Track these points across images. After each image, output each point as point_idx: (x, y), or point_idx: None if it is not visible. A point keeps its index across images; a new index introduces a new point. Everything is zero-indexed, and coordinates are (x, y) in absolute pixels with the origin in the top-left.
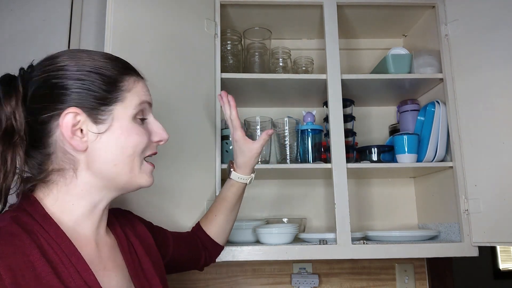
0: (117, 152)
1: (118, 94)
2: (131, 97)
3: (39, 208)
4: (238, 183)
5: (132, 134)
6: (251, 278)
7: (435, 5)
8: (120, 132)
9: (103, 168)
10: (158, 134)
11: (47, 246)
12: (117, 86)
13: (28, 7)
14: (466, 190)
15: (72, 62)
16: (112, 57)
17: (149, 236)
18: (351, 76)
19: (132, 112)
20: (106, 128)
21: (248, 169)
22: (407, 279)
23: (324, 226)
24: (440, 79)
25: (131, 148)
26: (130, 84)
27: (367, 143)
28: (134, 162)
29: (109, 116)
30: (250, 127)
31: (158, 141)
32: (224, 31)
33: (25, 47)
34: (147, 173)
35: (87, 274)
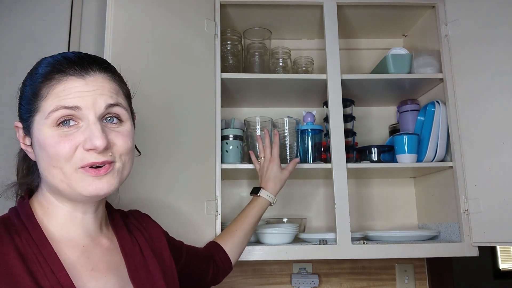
0: (42, 164)
1: (36, 104)
2: (47, 105)
3: (27, 210)
4: (265, 200)
5: (46, 146)
6: (251, 278)
7: (435, 5)
8: (38, 143)
9: (44, 179)
10: (87, 141)
11: (27, 246)
12: (36, 95)
13: (28, 7)
14: (466, 190)
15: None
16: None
17: (163, 241)
18: (351, 76)
19: (47, 122)
20: (30, 140)
21: (278, 189)
22: (407, 279)
23: (324, 226)
24: (440, 79)
25: (50, 159)
26: (47, 89)
27: (367, 143)
28: (63, 173)
29: (31, 127)
30: (250, 127)
31: (89, 149)
32: (224, 31)
33: (25, 47)
34: (86, 181)
35: (61, 275)
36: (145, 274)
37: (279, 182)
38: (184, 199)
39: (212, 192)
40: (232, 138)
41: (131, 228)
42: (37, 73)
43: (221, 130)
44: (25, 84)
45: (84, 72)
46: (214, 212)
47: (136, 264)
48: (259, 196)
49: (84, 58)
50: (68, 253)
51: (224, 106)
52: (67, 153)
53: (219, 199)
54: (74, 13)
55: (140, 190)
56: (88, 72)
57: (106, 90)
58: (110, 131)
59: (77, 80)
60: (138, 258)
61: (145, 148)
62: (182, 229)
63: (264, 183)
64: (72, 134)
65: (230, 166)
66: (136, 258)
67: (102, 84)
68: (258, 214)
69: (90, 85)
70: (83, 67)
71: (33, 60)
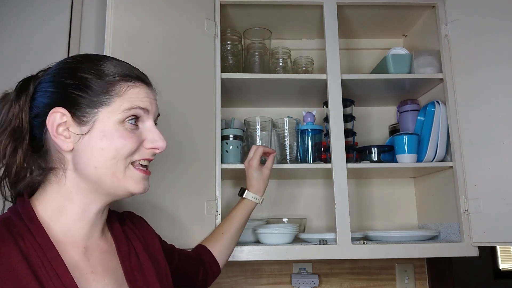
0: (96, 154)
1: (106, 98)
2: (121, 102)
3: (29, 211)
4: (251, 202)
5: (114, 138)
6: (251, 278)
7: (435, 5)
8: (102, 134)
9: (85, 170)
10: (152, 141)
11: (31, 249)
12: (106, 90)
13: (28, 7)
14: (466, 190)
15: (74, 65)
16: (114, 62)
17: (157, 243)
18: (351, 76)
19: (119, 117)
20: (87, 129)
21: (261, 191)
22: (407, 279)
23: (324, 226)
24: (440, 79)
25: (112, 151)
26: (123, 89)
27: (367, 143)
28: (117, 166)
29: (92, 118)
30: (250, 127)
31: (152, 148)
32: (224, 31)
33: (25, 47)
34: (135, 179)
35: (66, 278)
36: (141, 277)
37: (262, 182)
38: (184, 199)
39: (212, 192)
40: (232, 138)
41: (126, 231)
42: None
43: (221, 130)
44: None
45: (149, 82)
46: (214, 212)
47: (132, 267)
48: (245, 198)
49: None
50: (70, 254)
51: (224, 106)
52: (134, 147)
53: (219, 199)
54: (74, 15)
55: None
56: (149, 82)
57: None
58: None
59: (147, 88)
60: (134, 261)
61: None
62: (182, 229)
63: (248, 184)
64: (136, 132)
65: (230, 166)
66: (132, 261)
67: (155, 95)
68: (245, 215)
69: (153, 95)
70: (147, 77)
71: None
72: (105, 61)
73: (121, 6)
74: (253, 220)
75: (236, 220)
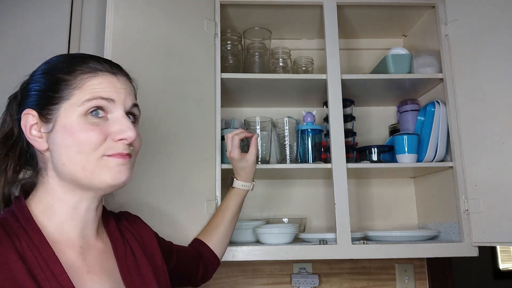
0: (63, 151)
1: (65, 92)
2: (80, 94)
3: (25, 212)
4: (242, 190)
5: (76, 132)
6: (251, 278)
7: (435, 5)
8: (64, 130)
9: (58, 168)
10: (119, 132)
11: (27, 249)
12: (65, 84)
13: (28, 7)
14: (466, 190)
15: (40, 67)
16: (75, 55)
17: (154, 242)
18: (351, 76)
19: (79, 110)
20: (52, 127)
21: (250, 178)
22: (407, 279)
23: (324, 226)
24: (440, 79)
25: (75, 147)
26: (82, 80)
27: (367, 143)
28: (86, 160)
29: (55, 115)
30: (250, 127)
31: (120, 139)
32: (224, 31)
33: (25, 47)
34: (111, 168)
35: (63, 278)
36: (137, 277)
37: (249, 170)
38: (184, 199)
39: (212, 192)
40: None
41: (123, 231)
42: (64, 64)
43: (221, 130)
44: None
45: (116, 70)
46: (214, 212)
47: (128, 267)
48: (234, 187)
49: (107, 60)
50: (66, 254)
51: (224, 106)
52: (98, 140)
53: (219, 199)
54: (74, 15)
55: (139, 190)
56: (117, 72)
57: (130, 90)
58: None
59: (112, 76)
60: (131, 261)
61: (145, 148)
62: (182, 229)
63: (235, 173)
64: (102, 124)
65: (230, 166)
66: (129, 261)
67: (128, 85)
68: (237, 204)
69: (122, 83)
70: (113, 66)
71: (33, 61)
72: (67, 57)
73: (121, 6)
74: (253, 220)
75: (229, 210)
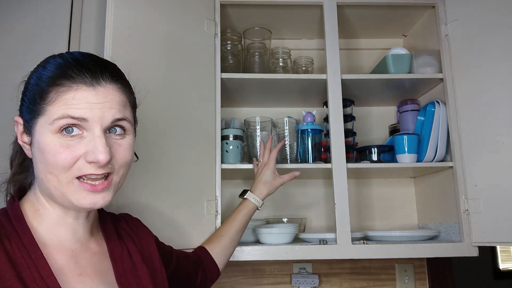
0: (38, 166)
1: (40, 107)
2: (53, 110)
3: (17, 212)
4: (252, 204)
5: (45, 152)
6: (251, 278)
7: (435, 5)
8: (38, 147)
9: (38, 180)
10: (90, 154)
11: (17, 250)
12: (42, 98)
13: (28, 7)
14: (466, 190)
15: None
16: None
17: (153, 245)
18: (351, 76)
19: (50, 128)
20: (31, 140)
21: (265, 194)
22: (407, 279)
23: (324, 226)
24: (440, 79)
25: (47, 165)
26: (56, 94)
27: (367, 143)
28: (58, 182)
29: (33, 128)
30: (250, 127)
31: (91, 161)
32: (224, 31)
33: (25, 47)
34: (79, 193)
35: (50, 280)
36: (134, 280)
37: (269, 187)
38: (184, 199)
39: (212, 192)
40: (232, 138)
41: (121, 233)
42: (45, 74)
43: (221, 130)
44: (31, 83)
45: (95, 82)
46: (214, 212)
47: (124, 269)
48: (246, 199)
49: (96, 65)
50: (57, 257)
51: (224, 106)
52: (67, 163)
53: (219, 199)
54: (74, 14)
55: (139, 191)
56: (99, 82)
57: (115, 103)
58: (113, 143)
59: (88, 90)
60: (127, 263)
61: (145, 148)
62: (182, 229)
63: (254, 186)
64: (74, 145)
65: (230, 166)
66: (125, 263)
67: (112, 96)
68: (245, 218)
69: (100, 97)
70: (94, 75)
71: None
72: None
73: (121, 6)
74: (253, 220)
75: (236, 222)
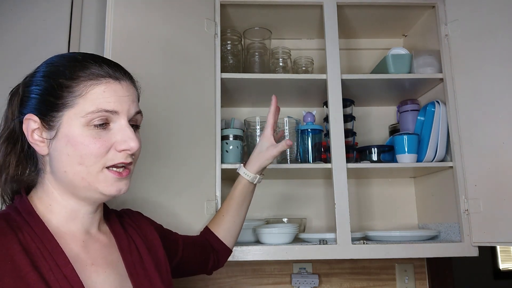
0: (64, 159)
1: (67, 100)
2: (84, 103)
3: (27, 206)
4: (245, 180)
5: (78, 144)
6: (251, 278)
7: (435, 5)
8: (67, 139)
9: (58, 174)
10: (123, 143)
11: (31, 241)
12: (67, 91)
13: (28, 7)
14: (466, 190)
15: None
16: (77, 58)
17: (156, 238)
18: (351, 76)
19: (82, 120)
20: (54, 134)
21: (256, 167)
22: (407, 279)
23: (324, 226)
24: (440, 79)
25: (78, 158)
26: (86, 88)
27: (367, 143)
28: (87, 171)
29: (57, 122)
30: (250, 127)
31: (124, 149)
32: (224, 31)
33: (25, 47)
34: (108, 181)
35: (67, 268)
36: (142, 271)
37: (261, 159)
38: (184, 199)
39: (212, 192)
40: (232, 138)
41: (126, 227)
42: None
43: (221, 130)
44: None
45: (119, 76)
46: (214, 212)
47: (133, 261)
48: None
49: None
50: (70, 246)
51: (224, 106)
52: (101, 153)
53: (219, 199)
54: (74, 14)
55: (139, 190)
56: (120, 77)
57: (135, 96)
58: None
59: (116, 83)
60: (135, 255)
61: (145, 148)
62: (182, 229)
63: (248, 160)
64: (104, 135)
65: (230, 166)
66: (133, 255)
67: (132, 90)
68: (241, 194)
69: (125, 90)
70: (116, 71)
71: (33, 61)
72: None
73: (121, 6)
74: (253, 220)
75: (233, 200)
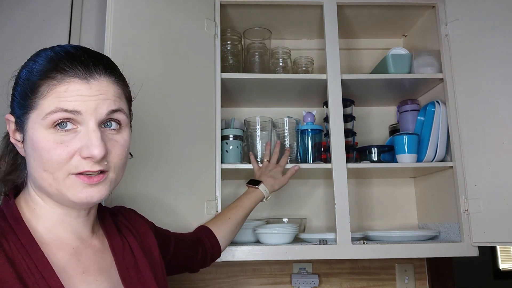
0: (32, 164)
1: (33, 101)
2: (46, 104)
3: (14, 212)
4: (261, 194)
5: (40, 149)
6: (251, 278)
7: (435, 5)
8: (32, 143)
9: (31, 178)
10: (85, 149)
11: (16, 251)
12: (34, 92)
13: (28, 7)
14: (466, 190)
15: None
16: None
17: (151, 236)
18: (351, 76)
19: (43, 123)
20: (23, 137)
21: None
22: (407, 279)
23: (324, 226)
24: (440, 79)
25: (42, 163)
26: (49, 87)
27: (367, 143)
28: (53, 179)
29: (25, 124)
30: (250, 127)
31: (86, 157)
32: (224, 31)
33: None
34: (75, 188)
35: (53, 281)
36: (135, 274)
37: (279, 184)
38: (184, 199)
39: (212, 192)
40: (232, 138)
41: (120, 227)
42: (36, 67)
43: (221, 130)
44: (21, 77)
45: (88, 75)
46: (214, 212)
47: (126, 264)
48: (257, 188)
49: (89, 57)
50: (58, 256)
51: (224, 106)
52: (62, 160)
53: (219, 199)
54: (74, 14)
55: (139, 190)
56: (93, 75)
57: (110, 94)
58: (108, 138)
59: (81, 83)
60: (129, 258)
61: (145, 148)
62: (182, 229)
63: (264, 179)
64: (69, 140)
65: (230, 166)
66: (127, 258)
67: (106, 88)
68: (252, 206)
69: (94, 89)
70: (87, 68)
71: None
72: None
73: (121, 6)
74: (253, 220)
75: (244, 208)
